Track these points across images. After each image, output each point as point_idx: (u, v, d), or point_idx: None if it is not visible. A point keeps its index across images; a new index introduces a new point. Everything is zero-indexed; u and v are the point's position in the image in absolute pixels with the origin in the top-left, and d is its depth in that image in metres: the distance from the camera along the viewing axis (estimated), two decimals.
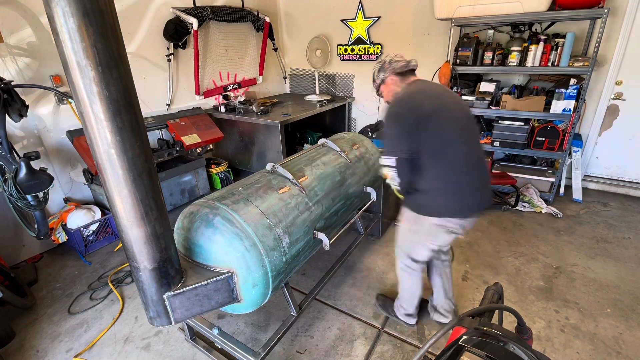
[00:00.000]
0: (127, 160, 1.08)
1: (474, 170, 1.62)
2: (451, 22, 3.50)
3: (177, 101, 3.96)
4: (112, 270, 2.77)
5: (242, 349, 1.76)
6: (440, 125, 1.55)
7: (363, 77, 4.91)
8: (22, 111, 2.30)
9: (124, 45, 1.03)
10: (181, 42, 3.75)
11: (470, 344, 0.70)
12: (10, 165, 2.23)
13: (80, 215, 2.97)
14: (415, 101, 1.60)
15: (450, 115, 1.58)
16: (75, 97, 1.01)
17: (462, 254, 2.81)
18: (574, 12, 2.99)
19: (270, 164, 1.96)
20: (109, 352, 2.06)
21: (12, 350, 2.09)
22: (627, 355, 1.91)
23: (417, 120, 1.54)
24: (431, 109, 1.55)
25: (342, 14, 4.68)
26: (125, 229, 1.18)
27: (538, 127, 3.46)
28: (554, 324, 2.12)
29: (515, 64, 3.40)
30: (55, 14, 0.90)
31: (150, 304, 1.34)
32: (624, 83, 3.46)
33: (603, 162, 3.81)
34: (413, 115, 1.55)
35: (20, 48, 2.73)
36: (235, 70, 4.53)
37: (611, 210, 3.44)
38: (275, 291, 1.71)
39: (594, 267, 2.61)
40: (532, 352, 0.66)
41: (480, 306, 0.86)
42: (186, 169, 3.62)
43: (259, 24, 4.53)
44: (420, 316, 2.15)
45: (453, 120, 1.58)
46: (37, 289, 2.60)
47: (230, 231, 1.50)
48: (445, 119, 1.56)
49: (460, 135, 1.58)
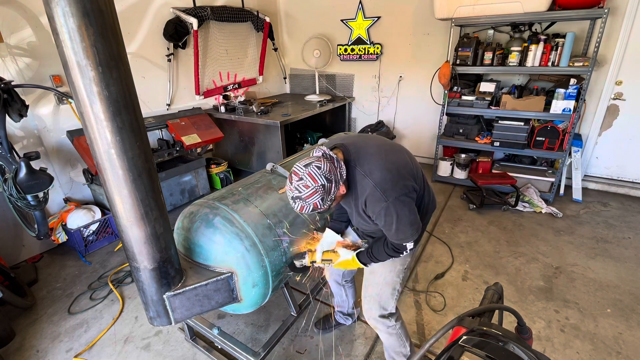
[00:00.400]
0: (127, 160, 1.08)
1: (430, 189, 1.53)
2: (451, 22, 3.50)
3: (177, 101, 3.96)
4: (112, 270, 2.77)
5: (242, 349, 1.76)
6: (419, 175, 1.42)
7: (363, 77, 4.91)
8: (22, 111, 2.30)
9: (124, 45, 1.03)
10: (181, 42, 3.75)
11: (470, 344, 0.70)
12: (10, 165, 2.23)
13: (80, 215, 2.97)
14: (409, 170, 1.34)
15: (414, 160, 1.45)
16: (75, 97, 1.01)
17: (462, 254, 2.81)
18: (574, 12, 2.99)
19: (270, 164, 1.96)
20: (109, 352, 2.06)
21: (12, 350, 2.09)
22: (627, 355, 1.91)
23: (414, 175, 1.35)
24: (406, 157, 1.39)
25: (342, 14, 4.68)
26: (125, 229, 1.19)
27: (538, 127, 3.46)
28: (554, 324, 2.12)
29: (515, 64, 3.40)
30: (55, 14, 0.90)
31: (150, 304, 1.34)
32: (624, 83, 3.46)
33: (603, 162, 3.81)
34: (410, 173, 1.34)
35: (20, 48, 2.73)
36: (235, 70, 4.53)
37: (611, 210, 3.44)
38: (275, 291, 1.71)
39: (594, 267, 2.61)
40: (532, 352, 0.66)
41: (480, 306, 0.86)
42: (186, 169, 3.62)
43: (259, 24, 4.53)
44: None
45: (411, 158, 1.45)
46: (37, 289, 2.60)
47: (230, 231, 1.50)
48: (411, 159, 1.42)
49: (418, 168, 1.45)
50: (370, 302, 1.58)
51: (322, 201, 1.19)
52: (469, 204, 3.58)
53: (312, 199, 1.18)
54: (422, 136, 4.74)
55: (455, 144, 4.01)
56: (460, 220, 3.33)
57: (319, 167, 1.18)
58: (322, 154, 1.24)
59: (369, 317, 1.61)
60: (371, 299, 1.57)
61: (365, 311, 1.62)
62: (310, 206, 1.20)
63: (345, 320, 2.13)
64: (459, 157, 4.05)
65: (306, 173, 1.17)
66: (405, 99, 4.69)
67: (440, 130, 4.03)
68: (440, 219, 3.37)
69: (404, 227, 1.27)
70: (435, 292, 2.41)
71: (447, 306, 2.28)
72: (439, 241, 2.99)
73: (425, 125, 4.64)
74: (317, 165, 1.18)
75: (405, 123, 4.82)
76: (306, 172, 1.18)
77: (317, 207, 1.20)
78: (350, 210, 1.44)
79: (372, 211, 1.28)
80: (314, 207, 1.20)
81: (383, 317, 1.56)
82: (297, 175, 1.19)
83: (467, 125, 3.94)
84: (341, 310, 2.10)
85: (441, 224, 3.28)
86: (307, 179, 1.17)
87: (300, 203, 1.20)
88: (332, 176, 1.20)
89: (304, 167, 1.19)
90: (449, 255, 2.80)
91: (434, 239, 3.04)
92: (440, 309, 2.27)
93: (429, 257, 2.78)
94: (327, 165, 1.20)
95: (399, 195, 1.24)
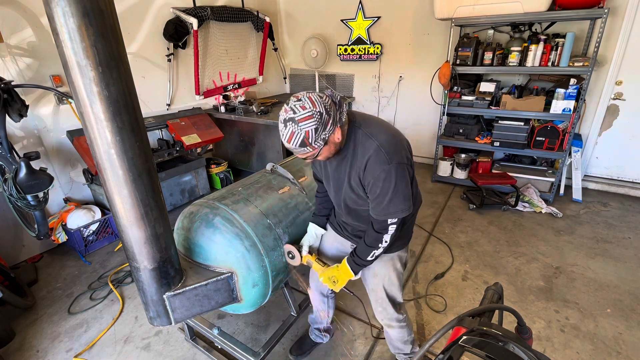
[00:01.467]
0: (127, 160, 1.08)
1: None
2: (451, 22, 3.50)
3: (177, 101, 3.96)
4: (112, 270, 2.77)
5: (242, 349, 1.76)
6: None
7: (363, 77, 4.91)
8: (22, 111, 2.30)
9: (124, 45, 1.03)
10: (181, 42, 3.75)
11: (470, 344, 0.70)
12: (10, 165, 2.23)
13: (80, 215, 2.97)
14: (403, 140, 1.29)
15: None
16: (75, 97, 1.00)
17: (462, 254, 2.81)
18: (574, 12, 2.99)
19: (270, 164, 1.96)
20: (109, 352, 2.06)
21: (12, 350, 2.09)
22: (627, 355, 1.91)
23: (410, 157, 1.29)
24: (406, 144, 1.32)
25: (342, 14, 4.68)
26: (125, 229, 1.18)
27: (538, 127, 3.46)
28: (554, 324, 2.12)
29: (515, 64, 3.40)
30: (55, 14, 0.90)
31: (150, 304, 1.34)
32: (624, 83, 3.46)
33: (603, 162, 3.81)
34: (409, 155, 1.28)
35: (20, 48, 2.73)
36: (235, 70, 4.53)
37: (611, 210, 3.44)
38: (275, 291, 1.71)
39: (594, 267, 2.61)
40: (532, 352, 0.66)
41: (480, 306, 0.86)
42: (186, 169, 3.62)
43: (259, 24, 4.53)
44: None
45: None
46: (37, 289, 2.60)
47: (230, 231, 1.50)
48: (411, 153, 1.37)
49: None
50: (384, 304, 1.57)
51: (315, 132, 1.09)
52: (469, 204, 3.58)
53: (306, 124, 1.08)
54: (422, 136, 4.74)
55: (455, 144, 4.01)
56: (460, 220, 3.33)
57: (320, 96, 1.13)
58: (328, 93, 1.19)
59: (383, 318, 1.60)
60: (383, 302, 1.56)
61: (379, 314, 1.61)
62: (302, 134, 1.09)
63: (322, 338, 1.99)
64: (459, 157, 4.05)
65: (306, 96, 1.11)
66: (405, 99, 4.69)
67: (440, 130, 4.03)
68: (440, 219, 3.37)
69: (397, 199, 1.21)
70: (436, 295, 2.41)
71: (447, 306, 2.28)
72: (439, 241, 2.99)
73: (425, 125, 4.64)
74: (319, 94, 1.14)
75: (405, 123, 4.82)
76: (307, 96, 1.12)
77: (308, 137, 1.09)
78: (338, 182, 1.37)
79: (371, 174, 1.21)
80: (305, 137, 1.09)
81: (398, 313, 1.58)
82: (297, 97, 1.12)
83: (467, 125, 3.94)
84: (318, 327, 1.97)
85: (441, 224, 3.28)
86: (306, 101, 1.10)
87: (292, 127, 1.09)
88: (332, 112, 1.13)
89: (305, 92, 1.14)
90: (449, 255, 2.80)
91: (434, 239, 3.04)
92: (440, 309, 2.27)
93: (428, 257, 2.78)
94: (329, 100, 1.14)
95: (401, 162, 1.20)
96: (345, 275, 1.43)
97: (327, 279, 1.47)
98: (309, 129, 1.09)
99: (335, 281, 1.45)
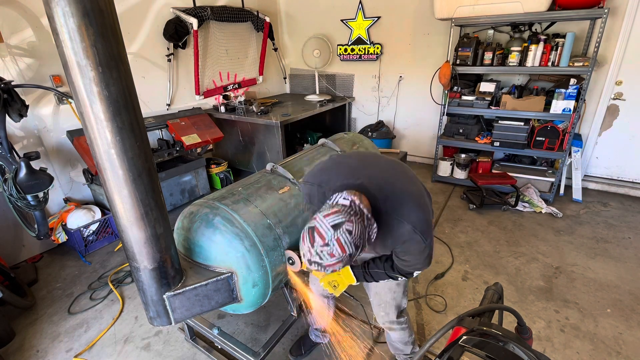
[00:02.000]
0: (127, 160, 1.08)
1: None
2: (451, 22, 3.50)
3: (177, 101, 3.96)
4: (112, 270, 2.77)
5: (242, 349, 1.76)
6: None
7: (363, 77, 4.91)
8: (22, 111, 2.30)
9: (124, 45, 1.03)
10: (181, 42, 3.75)
11: (470, 344, 0.70)
12: (10, 165, 2.23)
13: (80, 215, 2.97)
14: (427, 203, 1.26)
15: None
16: (75, 97, 1.01)
17: (462, 254, 2.81)
18: (574, 12, 2.99)
19: (270, 164, 1.96)
20: (109, 352, 2.06)
21: (12, 350, 2.09)
22: (627, 355, 1.91)
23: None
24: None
25: (342, 14, 4.68)
26: (125, 229, 1.19)
27: (538, 127, 3.46)
28: (554, 324, 2.12)
29: (515, 64, 3.40)
30: (55, 14, 0.90)
31: (150, 304, 1.34)
32: (624, 83, 3.46)
33: (603, 162, 3.81)
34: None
35: (20, 48, 2.73)
36: (235, 70, 4.53)
37: (611, 210, 3.44)
38: (275, 291, 1.71)
39: (594, 267, 2.61)
40: (532, 352, 0.66)
41: (480, 306, 0.86)
42: (186, 169, 3.62)
43: (259, 24, 4.53)
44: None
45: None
46: (37, 289, 2.60)
47: (230, 231, 1.50)
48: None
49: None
50: (387, 307, 1.56)
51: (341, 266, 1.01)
52: (469, 204, 3.58)
53: (333, 267, 0.99)
54: (422, 136, 4.74)
55: (455, 144, 4.01)
56: (460, 220, 3.33)
57: (350, 231, 0.95)
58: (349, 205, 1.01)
59: (385, 321, 1.61)
60: (387, 305, 1.56)
61: (380, 317, 1.61)
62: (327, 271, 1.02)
63: (323, 338, 2.00)
64: (459, 157, 4.05)
65: (335, 239, 0.94)
66: (405, 99, 4.69)
67: (440, 130, 4.03)
68: (440, 219, 3.37)
69: (424, 261, 1.22)
70: (436, 295, 2.41)
71: (447, 306, 2.28)
72: (439, 241, 2.99)
73: (425, 125, 4.64)
74: (348, 230, 0.94)
75: (405, 123, 4.82)
76: (334, 238, 0.94)
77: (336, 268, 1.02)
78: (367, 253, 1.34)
79: (406, 251, 1.19)
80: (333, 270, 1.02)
81: (400, 317, 1.59)
82: (323, 238, 0.95)
83: (467, 125, 3.94)
84: (318, 328, 1.98)
85: (441, 224, 3.28)
86: (334, 247, 0.94)
87: (317, 267, 1.00)
88: (361, 242, 0.99)
89: (332, 229, 0.94)
90: (449, 255, 2.79)
91: (434, 238, 3.03)
92: (440, 309, 2.27)
93: None
94: (358, 227, 0.97)
95: (432, 233, 1.17)
96: (347, 280, 1.42)
97: (328, 283, 1.46)
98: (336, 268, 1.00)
99: (335, 285, 1.44)
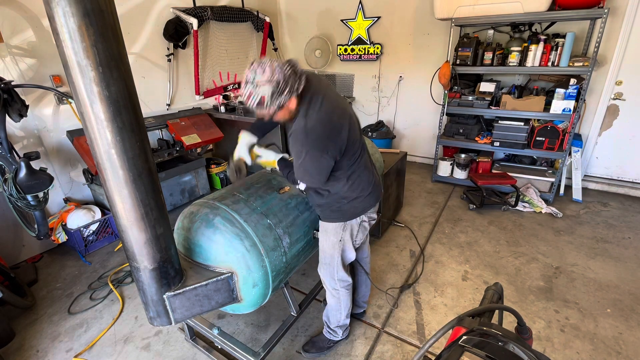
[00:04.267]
0: (127, 160, 1.08)
1: (369, 160, 1.70)
2: (451, 22, 3.51)
3: (177, 101, 3.96)
4: (112, 270, 2.77)
5: (242, 349, 1.76)
6: (353, 139, 1.48)
7: (363, 77, 4.91)
8: (22, 111, 2.30)
9: (124, 45, 1.03)
10: (181, 42, 3.75)
11: (470, 344, 0.70)
12: (10, 165, 2.23)
13: (80, 215, 2.97)
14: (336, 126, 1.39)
15: (353, 122, 1.52)
16: (76, 97, 1.01)
17: (462, 254, 2.81)
18: (574, 12, 3.00)
19: None
20: (109, 352, 2.06)
21: (12, 350, 2.09)
22: (627, 355, 1.91)
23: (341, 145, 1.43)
24: (347, 127, 1.44)
25: (342, 14, 4.68)
26: (126, 229, 1.18)
27: (538, 127, 3.46)
28: (554, 324, 2.12)
29: (515, 64, 3.40)
30: (55, 14, 0.90)
31: (150, 304, 1.34)
32: (624, 83, 3.46)
33: (603, 162, 3.81)
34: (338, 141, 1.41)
35: (20, 48, 2.73)
36: (235, 70, 4.53)
37: (611, 210, 3.44)
38: (275, 291, 1.71)
39: (594, 267, 2.61)
40: (532, 352, 0.66)
41: (480, 306, 0.86)
42: (186, 169, 3.62)
43: (259, 24, 4.53)
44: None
45: (357, 126, 1.56)
46: (37, 289, 2.60)
47: (230, 231, 1.50)
48: (353, 129, 1.49)
49: (359, 135, 1.58)
50: (322, 267, 1.80)
51: (271, 97, 1.21)
52: (469, 204, 3.58)
53: (264, 88, 1.20)
54: (422, 136, 4.74)
55: (455, 144, 4.01)
56: (460, 220, 3.33)
57: (282, 65, 1.22)
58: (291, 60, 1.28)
59: (323, 281, 1.83)
60: (322, 265, 1.79)
61: (321, 275, 1.83)
62: (258, 97, 1.21)
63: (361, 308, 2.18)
64: (459, 157, 4.05)
65: (269, 63, 1.21)
66: (405, 99, 4.69)
67: (440, 130, 4.03)
68: (440, 219, 3.37)
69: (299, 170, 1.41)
70: (436, 294, 2.41)
71: (447, 306, 2.28)
72: (440, 241, 3.00)
73: (425, 125, 4.64)
74: (282, 64, 1.22)
75: (405, 123, 4.82)
76: (269, 62, 1.21)
77: (264, 101, 1.22)
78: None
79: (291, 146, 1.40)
80: (261, 100, 1.22)
81: (331, 279, 1.78)
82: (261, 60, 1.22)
83: (467, 125, 3.94)
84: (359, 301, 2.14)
85: (441, 224, 3.28)
86: (268, 66, 1.20)
87: (251, 87, 1.21)
88: (290, 81, 1.23)
89: (269, 59, 1.23)
90: (449, 255, 2.80)
91: (434, 238, 3.04)
92: (441, 309, 2.27)
93: (428, 257, 2.78)
94: (289, 70, 1.23)
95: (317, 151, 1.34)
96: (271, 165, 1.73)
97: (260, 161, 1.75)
98: (266, 94, 1.21)
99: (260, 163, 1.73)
